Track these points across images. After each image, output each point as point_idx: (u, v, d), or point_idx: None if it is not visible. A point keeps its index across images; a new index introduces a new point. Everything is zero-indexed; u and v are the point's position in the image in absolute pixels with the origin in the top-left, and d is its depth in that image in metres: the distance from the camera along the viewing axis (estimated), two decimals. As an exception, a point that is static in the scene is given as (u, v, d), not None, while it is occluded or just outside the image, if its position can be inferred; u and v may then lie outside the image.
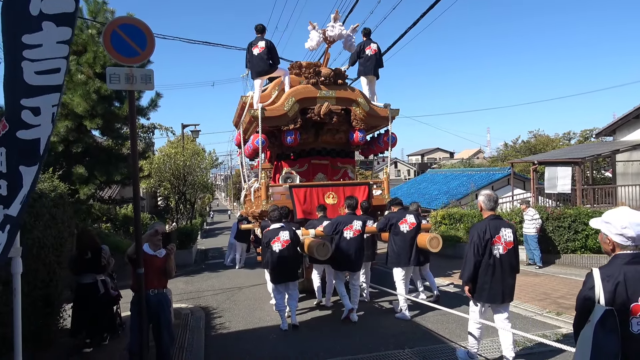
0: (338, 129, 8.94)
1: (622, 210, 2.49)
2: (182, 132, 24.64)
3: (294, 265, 6.37)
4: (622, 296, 2.20)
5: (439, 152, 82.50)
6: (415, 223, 6.77)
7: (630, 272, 2.23)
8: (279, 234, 6.24)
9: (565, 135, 38.79)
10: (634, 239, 2.33)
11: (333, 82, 8.40)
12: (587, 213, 10.78)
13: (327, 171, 9.25)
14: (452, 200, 19.61)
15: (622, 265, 2.30)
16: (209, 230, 35.90)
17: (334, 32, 8.45)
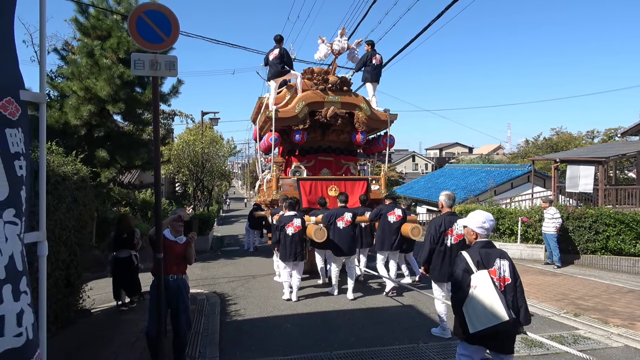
0: (342, 130, 9.95)
1: (480, 211, 3.66)
2: (201, 119, 24.77)
3: (300, 247, 7.44)
4: (482, 266, 3.40)
5: (458, 146, 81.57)
6: (401, 216, 7.77)
7: (484, 253, 3.45)
8: (293, 220, 7.39)
9: (589, 133, 37.93)
10: (487, 230, 3.58)
11: (339, 88, 9.46)
12: (609, 214, 10.56)
13: (331, 167, 10.28)
14: (470, 196, 19.40)
15: (479, 248, 3.50)
16: (225, 217, 36.25)
17: (340, 45, 9.56)
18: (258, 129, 10.57)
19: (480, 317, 3.25)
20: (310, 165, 10.09)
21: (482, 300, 3.25)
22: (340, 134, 10.07)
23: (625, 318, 6.23)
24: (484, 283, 3.29)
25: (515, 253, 11.85)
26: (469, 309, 3.34)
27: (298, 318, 6.59)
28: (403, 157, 64.08)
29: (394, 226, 7.70)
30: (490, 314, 3.18)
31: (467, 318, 3.35)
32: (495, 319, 3.16)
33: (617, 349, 5.20)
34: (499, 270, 3.38)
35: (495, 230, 12.99)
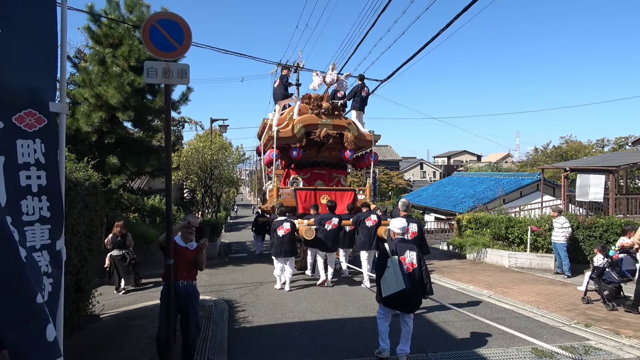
0: (334, 148, 11.53)
1: (399, 219, 5.48)
2: (210, 126, 24.93)
3: (291, 245, 8.91)
4: (397, 253, 4.91)
5: (466, 154, 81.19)
6: (376, 220, 9.12)
7: (398, 246, 5.01)
8: (283, 224, 8.94)
9: (599, 142, 37.63)
10: (402, 230, 5.19)
11: (331, 113, 11.14)
12: (619, 223, 10.46)
13: (324, 179, 12.00)
14: (479, 205, 19.31)
15: (396, 242, 5.06)
16: (233, 224, 36.32)
17: (331, 77, 11.47)
18: (262, 145, 12.25)
19: (389, 286, 4.80)
20: (306, 177, 11.79)
21: (391, 275, 4.81)
22: (332, 151, 11.65)
23: (638, 329, 6.15)
24: (393, 265, 4.82)
25: (524, 262, 11.76)
26: (383, 281, 4.91)
27: (306, 325, 6.58)
28: (411, 164, 63.93)
29: (372, 230, 9.03)
30: (394, 284, 4.74)
31: (382, 286, 4.93)
32: (396, 287, 4.72)
33: (630, 360, 5.14)
34: (408, 257, 4.97)
35: (504, 239, 12.90)
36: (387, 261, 4.90)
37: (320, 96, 11.48)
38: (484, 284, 9.50)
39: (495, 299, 8.26)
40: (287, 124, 11.06)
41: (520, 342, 5.64)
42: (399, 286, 4.67)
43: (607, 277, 7.41)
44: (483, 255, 13.04)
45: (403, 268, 4.80)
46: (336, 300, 8.07)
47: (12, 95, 2.32)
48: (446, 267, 12.01)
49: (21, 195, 2.40)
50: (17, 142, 2.42)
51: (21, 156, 2.42)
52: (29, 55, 2.32)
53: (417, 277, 4.91)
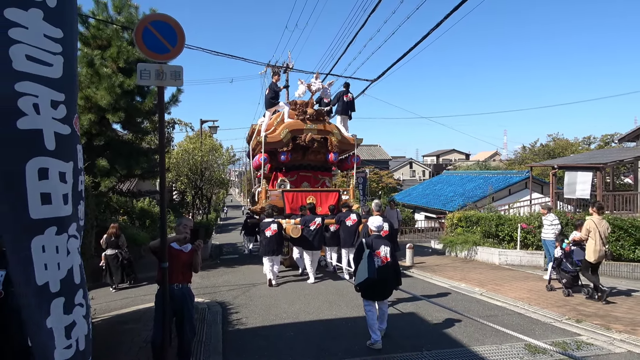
0: (319, 151, 12.12)
1: (375, 217, 6.28)
2: (200, 127, 24.80)
3: (278, 245, 9.61)
4: (371, 248, 5.58)
5: (455, 153, 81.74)
6: (356, 220, 9.93)
7: (374, 241, 5.67)
8: (270, 225, 9.58)
9: (585, 139, 38.17)
10: (378, 227, 5.87)
11: (316, 118, 11.73)
12: (607, 220, 10.58)
13: (310, 181, 12.58)
14: (469, 203, 19.46)
15: (372, 238, 5.72)
16: (223, 225, 36.18)
17: (315, 86, 12.28)
18: (251, 149, 13.09)
19: (360, 275, 5.61)
20: (293, 179, 12.36)
21: (363, 266, 5.59)
22: (317, 154, 12.24)
23: (628, 324, 6.25)
24: (365, 257, 5.59)
25: (515, 259, 11.88)
26: (358, 270, 5.70)
27: (301, 326, 6.58)
28: (400, 164, 64.16)
29: (352, 228, 9.86)
30: (363, 273, 5.55)
31: (357, 275, 5.73)
32: (363, 276, 5.52)
33: (620, 354, 5.22)
34: (382, 252, 5.64)
35: (494, 236, 13.02)
36: (362, 254, 5.68)
37: (305, 102, 12.06)
38: (476, 282, 9.58)
39: (487, 296, 8.33)
40: (274, 129, 11.69)
41: (513, 338, 5.70)
42: (364, 275, 5.51)
43: (564, 267, 8.31)
44: (474, 253, 13.16)
45: (376, 261, 5.57)
46: (330, 300, 8.08)
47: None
48: (438, 266, 12.09)
49: (79, 200, 2.44)
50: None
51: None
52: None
53: (390, 269, 5.67)
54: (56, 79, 2.26)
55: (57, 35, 2.29)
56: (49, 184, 2.17)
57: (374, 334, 5.55)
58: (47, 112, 2.20)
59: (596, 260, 7.72)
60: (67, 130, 2.30)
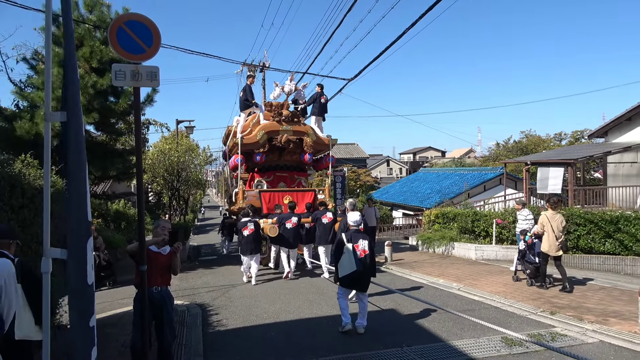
0: (294, 152, 12.43)
1: (354, 212, 6.46)
2: (176, 128, 24.47)
3: (256, 244, 9.77)
4: (351, 241, 5.96)
5: (431, 150, 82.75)
6: (331, 218, 10.30)
7: (354, 234, 6.05)
8: (247, 224, 9.76)
9: (557, 135, 39.18)
10: (356, 222, 6.17)
11: (291, 120, 12.04)
12: (579, 214, 10.92)
13: (286, 181, 12.94)
14: (446, 200, 19.73)
15: (351, 233, 6.09)
16: (201, 226, 35.83)
17: (290, 88, 12.44)
18: (227, 151, 13.27)
19: (345, 268, 5.93)
20: (270, 179, 12.67)
21: (346, 259, 5.94)
22: (293, 154, 12.56)
23: (599, 314, 6.46)
24: (348, 251, 5.95)
25: (491, 254, 12.12)
26: (340, 264, 6.02)
27: (282, 326, 6.59)
28: (378, 162, 64.59)
29: (327, 226, 10.18)
30: (349, 267, 5.88)
31: (339, 269, 6.04)
32: (350, 269, 5.86)
33: (593, 344, 5.39)
34: (361, 245, 6.01)
35: (470, 232, 13.25)
36: (343, 248, 6.02)
37: (281, 104, 12.38)
38: (453, 277, 9.74)
39: (464, 291, 8.49)
40: (250, 130, 11.93)
41: (490, 332, 5.83)
42: (352, 268, 5.86)
43: (527, 259, 8.80)
44: (451, 248, 13.37)
45: (356, 253, 5.94)
46: (310, 299, 8.11)
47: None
48: (416, 262, 12.25)
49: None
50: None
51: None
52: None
53: (368, 261, 6.03)
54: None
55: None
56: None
57: (345, 317, 6.07)
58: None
59: (549, 250, 8.19)
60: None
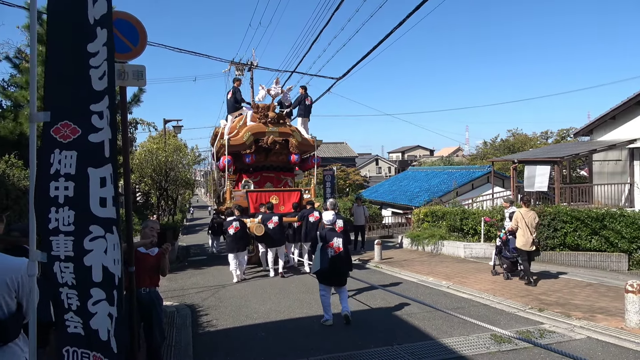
0: (281, 153, 12.71)
1: (328, 212, 6.74)
2: (164, 127, 24.27)
3: (242, 241, 10.13)
4: (325, 240, 6.40)
5: (419, 149, 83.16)
6: (318, 217, 10.29)
7: (328, 233, 6.46)
8: (233, 223, 10.08)
9: (543, 134, 39.58)
10: (330, 221, 6.51)
11: (277, 121, 12.29)
12: (565, 211, 11.04)
13: (273, 181, 13.21)
14: (434, 198, 19.84)
15: (327, 231, 6.47)
16: (189, 226, 35.59)
17: (275, 91, 12.83)
18: (215, 152, 13.41)
19: (317, 264, 6.46)
20: (257, 180, 12.88)
21: (318, 256, 6.42)
22: (279, 155, 12.84)
23: (586, 311, 6.53)
24: (319, 250, 6.44)
25: (479, 252, 12.21)
26: (314, 261, 6.63)
27: (272, 325, 6.57)
28: (366, 160, 64.76)
29: (313, 224, 10.34)
30: (320, 263, 6.37)
31: (313, 265, 6.66)
32: (322, 265, 6.35)
33: (581, 340, 5.45)
34: (335, 243, 6.42)
35: (459, 230, 13.34)
36: (318, 246, 6.49)
37: (267, 106, 12.58)
38: (443, 275, 9.79)
39: (453, 289, 8.53)
40: (237, 132, 12.17)
41: (479, 329, 5.86)
42: (324, 265, 6.35)
43: (504, 254, 9.17)
44: (440, 247, 13.44)
45: (329, 251, 6.38)
46: (300, 299, 8.09)
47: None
48: (406, 261, 12.29)
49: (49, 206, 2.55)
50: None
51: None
52: None
53: (343, 258, 6.48)
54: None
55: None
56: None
57: (327, 314, 6.44)
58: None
59: (524, 246, 8.47)
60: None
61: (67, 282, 2.42)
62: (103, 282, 2.40)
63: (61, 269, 2.42)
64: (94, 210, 2.39)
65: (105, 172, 2.41)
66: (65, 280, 2.42)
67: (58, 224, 2.40)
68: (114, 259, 2.41)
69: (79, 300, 2.43)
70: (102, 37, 2.43)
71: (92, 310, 2.43)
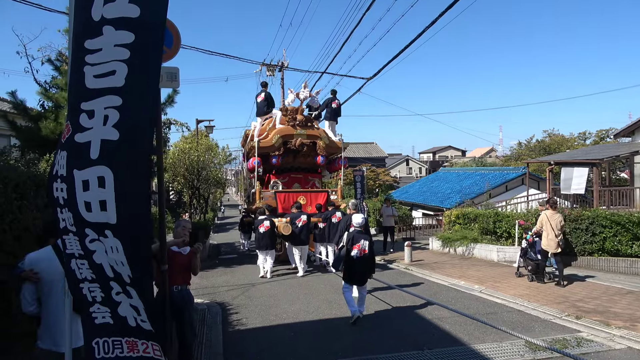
0: (308, 154, 13.09)
1: (357, 214, 6.96)
2: (196, 127, 24.71)
3: (271, 240, 10.53)
4: (350, 242, 6.59)
5: (451, 150, 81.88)
6: (341, 217, 10.67)
7: (356, 235, 6.59)
8: (263, 222, 10.52)
9: (581, 135, 38.30)
10: (359, 224, 6.68)
11: (305, 124, 12.76)
12: (605, 215, 10.62)
13: (301, 182, 13.64)
14: (466, 200, 19.47)
15: (354, 233, 6.61)
16: (220, 225, 36.10)
17: (304, 94, 13.24)
18: (245, 153, 14.17)
19: (338, 262, 6.88)
20: (285, 181, 13.35)
21: (343, 256, 6.71)
22: (307, 157, 13.18)
23: (627, 319, 6.26)
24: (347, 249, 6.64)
25: (513, 256, 11.88)
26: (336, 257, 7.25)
27: (301, 326, 6.58)
28: (397, 161, 64.20)
29: (336, 225, 10.64)
30: (342, 262, 6.71)
31: (335, 262, 7.15)
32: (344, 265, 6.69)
33: (621, 351, 5.23)
34: (362, 245, 6.57)
35: (492, 233, 13.05)
36: (345, 247, 6.74)
37: (295, 109, 12.98)
38: (475, 279, 9.59)
39: (486, 293, 8.34)
40: (266, 134, 12.71)
41: (513, 336, 5.70)
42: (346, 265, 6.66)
43: (529, 256, 9.22)
44: (472, 250, 13.17)
45: (354, 253, 6.58)
46: (329, 299, 8.07)
47: None
48: (436, 263, 12.11)
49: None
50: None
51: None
52: None
53: (368, 259, 6.68)
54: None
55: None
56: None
57: (352, 307, 6.68)
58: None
59: (549, 248, 8.63)
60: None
61: (86, 277, 2.40)
62: (115, 278, 2.35)
63: (78, 266, 2.41)
64: (82, 214, 2.27)
65: (90, 174, 2.24)
66: (84, 276, 2.41)
67: (65, 223, 2.37)
68: (116, 260, 2.30)
69: (103, 292, 2.40)
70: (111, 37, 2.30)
71: (117, 299, 2.39)
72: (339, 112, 13.75)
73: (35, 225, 4.60)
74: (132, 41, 2.30)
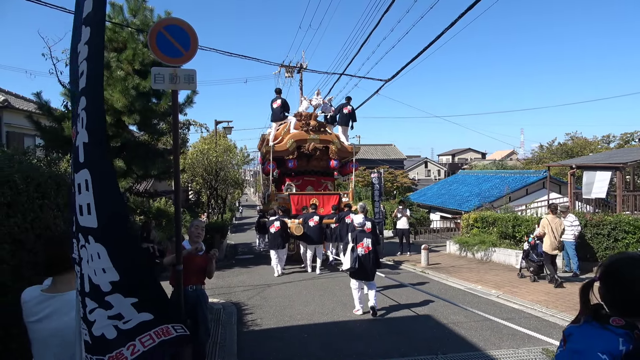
0: (321, 158, 13.85)
1: (358, 215, 7.95)
2: (215, 128, 24.96)
3: (282, 240, 11.10)
4: (356, 240, 7.10)
5: (471, 152, 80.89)
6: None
7: (359, 234, 7.18)
8: (274, 222, 11.13)
9: (605, 138, 37.41)
10: (360, 224, 7.28)
11: (318, 129, 13.48)
12: (628, 221, 10.36)
13: (314, 184, 14.36)
14: (485, 203, 19.20)
15: (357, 232, 7.21)
16: (238, 225, 36.33)
17: (317, 101, 13.60)
18: (261, 156, 14.94)
19: (347, 262, 7.19)
20: (299, 183, 14.00)
21: (349, 255, 7.08)
22: (320, 161, 13.91)
23: (649, 328, 6.09)
24: (352, 248, 7.07)
25: (532, 261, 11.68)
26: (346, 259, 7.29)
27: (315, 328, 6.58)
28: (415, 163, 63.71)
29: (350, 226, 10.20)
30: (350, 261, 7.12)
31: (345, 263, 7.37)
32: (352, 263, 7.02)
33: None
34: (365, 243, 7.07)
35: (511, 237, 12.86)
36: (349, 246, 7.16)
37: (309, 115, 13.63)
38: (492, 284, 9.46)
39: (503, 298, 8.22)
40: (281, 139, 13.30)
41: (530, 342, 5.62)
42: (352, 263, 7.06)
43: (531, 258, 9.70)
44: (490, 254, 13.00)
45: (358, 251, 7.05)
46: (344, 301, 8.06)
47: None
48: (453, 267, 11.98)
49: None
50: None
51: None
52: None
53: (371, 257, 7.11)
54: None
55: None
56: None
57: (358, 304, 7.28)
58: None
59: (551, 251, 9.17)
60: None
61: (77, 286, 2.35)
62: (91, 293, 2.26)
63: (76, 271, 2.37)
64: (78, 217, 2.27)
65: (80, 178, 2.25)
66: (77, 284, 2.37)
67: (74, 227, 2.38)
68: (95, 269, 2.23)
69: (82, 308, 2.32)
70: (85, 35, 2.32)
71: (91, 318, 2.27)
72: (354, 118, 14.17)
73: (55, 224, 4.69)
74: (88, 37, 2.31)
